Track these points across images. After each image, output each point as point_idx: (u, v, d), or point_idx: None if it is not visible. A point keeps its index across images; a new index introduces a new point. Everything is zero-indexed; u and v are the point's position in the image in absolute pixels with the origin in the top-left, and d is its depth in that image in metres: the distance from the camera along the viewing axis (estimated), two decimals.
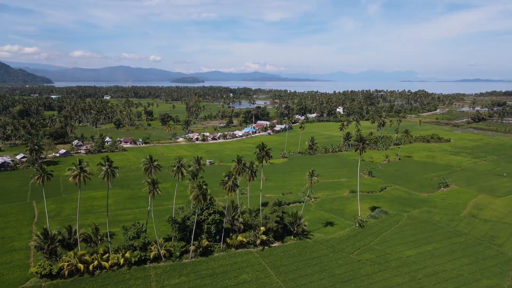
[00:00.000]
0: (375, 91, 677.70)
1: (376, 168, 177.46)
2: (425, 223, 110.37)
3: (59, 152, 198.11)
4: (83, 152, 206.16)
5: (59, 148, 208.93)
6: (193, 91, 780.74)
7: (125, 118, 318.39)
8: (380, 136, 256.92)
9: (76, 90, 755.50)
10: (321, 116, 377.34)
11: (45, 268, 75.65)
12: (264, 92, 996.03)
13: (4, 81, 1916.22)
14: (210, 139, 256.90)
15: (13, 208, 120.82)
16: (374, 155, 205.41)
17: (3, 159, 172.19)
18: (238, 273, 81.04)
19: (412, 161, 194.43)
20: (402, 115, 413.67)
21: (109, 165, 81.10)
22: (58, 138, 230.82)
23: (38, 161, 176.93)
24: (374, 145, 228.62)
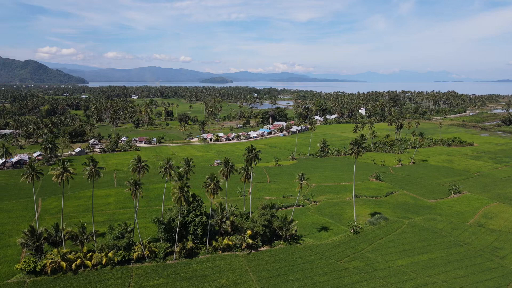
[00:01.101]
0: (401, 92, 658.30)
1: (387, 172, 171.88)
2: (426, 231, 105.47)
3: (74, 151, 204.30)
4: (97, 151, 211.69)
5: (75, 146, 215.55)
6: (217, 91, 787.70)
7: (144, 117, 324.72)
8: (398, 139, 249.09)
9: (106, 90, 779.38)
10: (341, 118, 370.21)
11: (30, 264, 77.62)
12: (289, 92, 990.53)
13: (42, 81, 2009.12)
14: (224, 139, 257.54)
15: (19, 204, 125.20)
16: (388, 158, 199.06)
17: (20, 157, 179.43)
18: (219, 276, 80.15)
19: (427, 166, 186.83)
20: (427, 116, 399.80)
21: (93, 165, 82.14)
22: (76, 136, 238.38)
23: (52, 159, 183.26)
24: (390, 148, 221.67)
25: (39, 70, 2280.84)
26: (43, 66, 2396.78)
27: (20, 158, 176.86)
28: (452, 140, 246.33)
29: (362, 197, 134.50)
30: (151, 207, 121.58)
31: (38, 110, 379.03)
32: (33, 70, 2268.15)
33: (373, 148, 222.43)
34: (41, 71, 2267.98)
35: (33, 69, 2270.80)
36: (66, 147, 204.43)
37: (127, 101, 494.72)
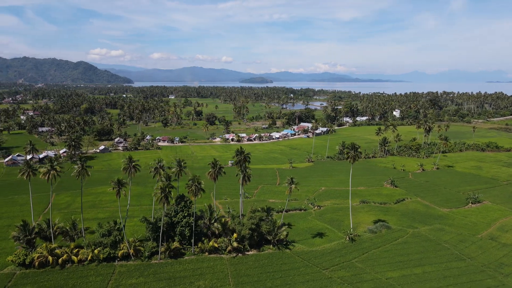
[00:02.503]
0: (443, 93, 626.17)
1: (405, 178, 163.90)
2: (429, 242, 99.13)
3: (99, 148, 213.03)
4: (120, 149, 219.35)
5: (100, 144, 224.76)
6: (252, 92, 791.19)
7: (173, 117, 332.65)
8: (427, 143, 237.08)
9: (145, 90, 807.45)
10: (371, 119, 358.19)
11: (20, 257, 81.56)
12: (326, 93, 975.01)
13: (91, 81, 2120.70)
14: (246, 140, 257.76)
15: (34, 198, 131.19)
16: (410, 163, 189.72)
17: (47, 153, 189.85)
18: (197, 279, 79.89)
19: (451, 172, 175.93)
20: (466, 119, 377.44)
21: (81, 164, 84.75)
22: (104, 135, 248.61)
23: (76, 156, 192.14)
24: (415, 152, 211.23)
25: (89, 71, 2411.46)
26: (92, 67, 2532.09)
27: (46, 155, 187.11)
28: (486, 145, 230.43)
29: (369, 203, 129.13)
30: (148, 206, 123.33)
31: (77, 108, 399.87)
32: (84, 70, 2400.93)
33: (396, 152, 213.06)
34: (90, 72, 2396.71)
35: (83, 70, 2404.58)
36: (90, 145, 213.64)
37: (162, 100, 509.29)
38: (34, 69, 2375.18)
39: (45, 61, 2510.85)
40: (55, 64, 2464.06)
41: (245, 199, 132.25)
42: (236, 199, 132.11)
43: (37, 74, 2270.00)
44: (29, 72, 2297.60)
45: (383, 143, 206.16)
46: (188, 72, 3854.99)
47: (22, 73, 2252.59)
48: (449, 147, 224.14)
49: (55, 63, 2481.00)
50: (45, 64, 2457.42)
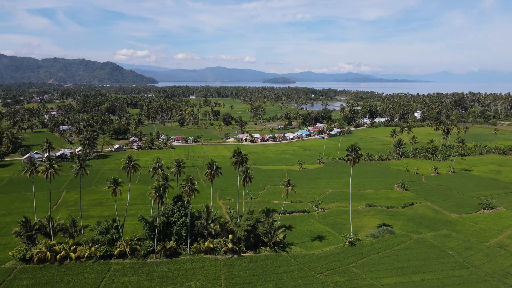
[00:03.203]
0: (469, 94, 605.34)
1: (417, 181, 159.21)
2: (432, 248, 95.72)
3: (114, 147, 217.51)
4: (135, 148, 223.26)
5: (115, 143, 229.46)
6: (273, 92, 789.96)
7: (189, 117, 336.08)
8: (446, 145, 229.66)
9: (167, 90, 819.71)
10: (390, 121, 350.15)
11: (20, 252, 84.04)
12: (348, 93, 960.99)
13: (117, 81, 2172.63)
14: (259, 140, 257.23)
15: (45, 195, 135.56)
16: (425, 166, 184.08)
17: (63, 151, 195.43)
18: (189, 279, 80.00)
19: (467, 176, 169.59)
20: (492, 121, 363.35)
21: (80, 163, 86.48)
22: (121, 134, 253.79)
23: (91, 154, 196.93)
24: (431, 155, 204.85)
25: (115, 71, 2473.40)
26: (119, 67, 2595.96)
27: (62, 153, 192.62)
28: (509, 148, 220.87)
29: (376, 207, 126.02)
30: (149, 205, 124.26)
31: (99, 108, 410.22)
32: (110, 71, 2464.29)
33: (412, 155, 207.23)
34: (117, 72, 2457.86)
35: (110, 70, 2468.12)
36: (105, 144, 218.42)
37: (182, 100, 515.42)
38: (64, 69, 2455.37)
39: (74, 61, 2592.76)
40: (83, 65, 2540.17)
41: (249, 200, 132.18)
42: (240, 199, 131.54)
43: (66, 74, 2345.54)
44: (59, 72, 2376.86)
45: (397, 145, 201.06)
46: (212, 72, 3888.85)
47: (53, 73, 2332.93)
48: (468, 150, 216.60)
49: (83, 64, 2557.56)
50: (74, 65, 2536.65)
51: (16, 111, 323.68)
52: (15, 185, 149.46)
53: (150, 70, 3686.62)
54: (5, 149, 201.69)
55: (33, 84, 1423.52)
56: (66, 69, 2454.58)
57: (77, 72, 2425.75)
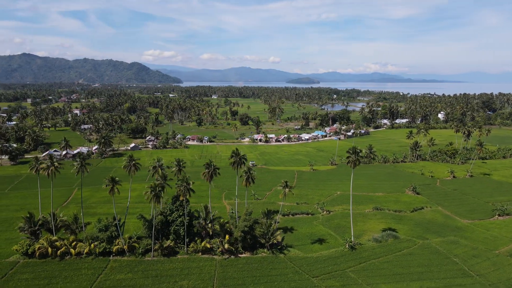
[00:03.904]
0: (499, 94, 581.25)
1: (431, 185, 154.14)
2: (436, 255, 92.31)
3: (129, 146, 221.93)
4: (150, 147, 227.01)
5: (131, 142, 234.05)
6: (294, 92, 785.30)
7: (207, 116, 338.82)
8: (467, 148, 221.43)
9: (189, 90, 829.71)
10: (412, 122, 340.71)
11: (23, 247, 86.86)
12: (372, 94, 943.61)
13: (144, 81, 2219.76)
14: (274, 140, 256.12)
15: (57, 192, 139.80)
16: (441, 169, 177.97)
17: (80, 149, 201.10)
18: (182, 278, 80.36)
19: (486, 180, 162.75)
20: None
21: (81, 162, 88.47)
22: (138, 133, 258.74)
23: (107, 153, 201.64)
24: (450, 158, 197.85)
25: (142, 71, 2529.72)
26: (145, 68, 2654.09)
27: (79, 151, 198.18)
28: None
29: (383, 211, 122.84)
30: None
31: (121, 107, 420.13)
32: (137, 71, 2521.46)
33: (429, 157, 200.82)
34: (143, 72, 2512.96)
35: (137, 70, 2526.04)
36: (121, 143, 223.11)
37: (202, 100, 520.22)
38: (93, 69, 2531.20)
39: (102, 62, 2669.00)
40: (111, 65, 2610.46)
41: (255, 201, 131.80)
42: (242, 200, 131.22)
43: (95, 75, 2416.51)
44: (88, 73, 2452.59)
45: (414, 147, 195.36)
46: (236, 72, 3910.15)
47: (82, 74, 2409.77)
48: (490, 153, 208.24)
49: (111, 64, 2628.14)
50: (102, 65, 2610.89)
51: (42, 110, 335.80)
52: (31, 182, 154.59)
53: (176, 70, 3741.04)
54: (27, 146, 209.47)
55: (63, 84, 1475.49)
56: (95, 70, 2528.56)
57: (105, 72, 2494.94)
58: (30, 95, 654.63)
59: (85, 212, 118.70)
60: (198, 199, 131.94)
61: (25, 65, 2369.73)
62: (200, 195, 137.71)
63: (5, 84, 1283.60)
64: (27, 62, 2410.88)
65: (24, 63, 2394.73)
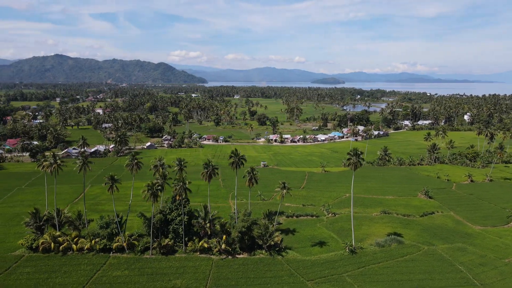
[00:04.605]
0: None
1: (446, 189, 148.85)
2: (441, 262, 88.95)
3: (145, 145, 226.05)
4: (165, 146, 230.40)
5: (148, 141, 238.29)
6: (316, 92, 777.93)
7: (225, 116, 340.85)
8: (490, 151, 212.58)
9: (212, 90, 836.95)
10: (435, 123, 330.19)
11: (28, 242, 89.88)
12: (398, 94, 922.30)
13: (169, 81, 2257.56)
14: (289, 141, 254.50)
15: (71, 188, 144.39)
16: (459, 172, 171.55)
17: (97, 148, 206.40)
18: (176, 277, 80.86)
19: (506, 185, 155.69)
20: None
21: (83, 160, 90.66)
22: (155, 132, 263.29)
23: (123, 151, 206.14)
24: (470, 161, 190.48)
25: (168, 71, 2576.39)
26: (171, 68, 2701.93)
27: (96, 149, 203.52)
28: None
29: (391, 214, 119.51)
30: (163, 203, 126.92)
31: (143, 107, 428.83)
32: (163, 71, 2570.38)
33: (448, 160, 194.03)
34: (169, 72, 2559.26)
35: (163, 71, 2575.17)
36: (138, 141, 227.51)
37: (224, 100, 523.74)
38: (121, 70, 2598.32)
39: (130, 62, 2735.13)
40: (138, 65, 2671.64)
41: (261, 201, 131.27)
42: (251, 200, 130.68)
43: (123, 75, 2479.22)
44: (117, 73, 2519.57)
45: (431, 150, 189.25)
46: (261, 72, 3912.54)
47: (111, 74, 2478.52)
48: None
49: (139, 65, 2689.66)
50: (130, 65, 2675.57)
51: (66, 109, 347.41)
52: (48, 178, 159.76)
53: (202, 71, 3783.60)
54: (48, 144, 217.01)
55: (92, 84, 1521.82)
56: (123, 70, 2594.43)
57: (133, 72, 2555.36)
58: (59, 95, 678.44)
59: (93, 208, 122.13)
60: (204, 199, 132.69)
61: (58, 66, 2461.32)
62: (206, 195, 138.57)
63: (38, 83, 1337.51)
64: (59, 63, 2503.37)
65: (56, 63, 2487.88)
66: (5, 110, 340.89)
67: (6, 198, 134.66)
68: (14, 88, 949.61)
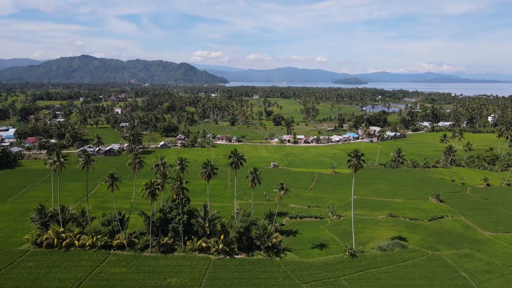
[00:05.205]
0: None
1: (460, 193, 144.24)
2: (444, 268, 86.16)
3: (159, 144, 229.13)
4: (179, 145, 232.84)
5: (161, 140, 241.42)
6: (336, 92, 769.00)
7: (241, 116, 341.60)
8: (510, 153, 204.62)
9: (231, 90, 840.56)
10: (455, 125, 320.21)
11: (33, 237, 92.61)
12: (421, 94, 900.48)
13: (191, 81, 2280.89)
14: (302, 142, 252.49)
15: (82, 186, 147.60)
16: (475, 176, 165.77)
17: (112, 146, 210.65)
18: (171, 275, 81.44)
19: None
20: None
21: (85, 159, 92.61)
22: (170, 131, 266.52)
23: (137, 150, 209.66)
24: (488, 164, 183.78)
25: (189, 71, 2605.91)
26: (193, 68, 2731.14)
27: (111, 147, 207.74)
28: None
29: (398, 218, 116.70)
30: None
31: (161, 106, 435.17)
32: (185, 71, 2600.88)
33: (465, 163, 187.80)
34: (191, 72, 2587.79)
35: (185, 71, 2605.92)
36: (151, 140, 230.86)
37: (242, 100, 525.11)
38: (144, 70, 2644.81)
39: (153, 62, 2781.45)
40: (161, 66, 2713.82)
41: (265, 202, 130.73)
42: (256, 200, 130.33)
43: (146, 75, 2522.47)
44: (140, 73, 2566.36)
45: (447, 152, 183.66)
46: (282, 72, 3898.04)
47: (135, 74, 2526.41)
48: None
49: (161, 65, 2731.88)
50: (153, 66, 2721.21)
51: (86, 109, 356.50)
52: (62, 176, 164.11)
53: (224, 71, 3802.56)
54: (66, 142, 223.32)
55: (116, 84, 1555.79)
56: (147, 70, 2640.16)
57: (155, 72, 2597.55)
58: (83, 94, 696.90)
59: (101, 206, 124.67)
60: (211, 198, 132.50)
61: (84, 66, 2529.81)
62: (214, 194, 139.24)
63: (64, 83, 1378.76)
64: (85, 63, 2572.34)
65: (83, 64, 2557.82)
66: (29, 109, 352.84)
67: (20, 194, 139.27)
68: (42, 88, 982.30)
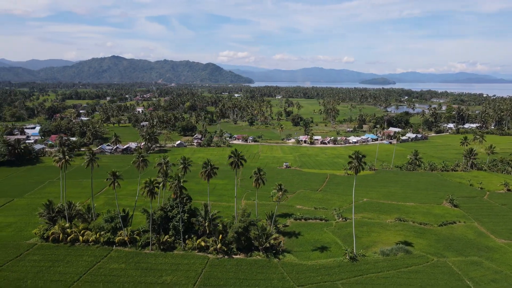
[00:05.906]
0: None
1: (477, 198, 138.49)
2: (448, 275, 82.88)
3: (176, 143, 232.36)
4: (194, 145, 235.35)
5: (178, 139, 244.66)
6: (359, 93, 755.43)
7: (260, 116, 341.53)
8: None
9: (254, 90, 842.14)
10: (483, 127, 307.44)
11: (41, 231, 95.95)
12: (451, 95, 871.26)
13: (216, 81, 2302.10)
14: (319, 142, 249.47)
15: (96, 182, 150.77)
16: (497, 180, 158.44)
17: (129, 145, 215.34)
18: (168, 273, 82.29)
19: None
20: None
21: (90, 156, 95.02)
22: (188, 131, 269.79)
23: (153, 148, 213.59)
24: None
25: (215, 72, 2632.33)
26: (218, 68, 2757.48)
27: (128, 146, 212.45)
28: None
29: (407, 222, 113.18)
30: None
31: (182, 106, 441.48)
32: (211, 71, 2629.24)
33: (487, 167, 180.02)
34: (216, 72, 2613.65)
35: (211, 71, 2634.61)
36: (168, 139, 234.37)
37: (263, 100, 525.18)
38: (171, 70, 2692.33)
39: (180, 63, 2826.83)
40: (188, 66, 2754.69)
41: (272, 203, 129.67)
42: (264, 201, 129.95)
43: (173, 75, 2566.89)
44: (167, 73, 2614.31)
45: (468, 155, 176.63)
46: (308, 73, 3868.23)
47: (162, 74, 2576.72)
48: None
49: (188, 65, 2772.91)
50: (180, 66, 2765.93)
51: (109, 108, 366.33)
52: (78, 172, 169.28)
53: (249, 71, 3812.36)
54: (87, 140, 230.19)
55: (143, 84, 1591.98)
56: (173, 70, 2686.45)
57: (182, 72, 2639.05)
58: (110, 94, 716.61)
59: (110, 203, 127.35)
60: (219, 197, 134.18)
61: (113, 67, 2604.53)
62: (222, 194, 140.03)
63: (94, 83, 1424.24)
64: (115, 64, 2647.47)
65: (112, 64, 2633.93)
66: (55, 108, 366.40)
67: (37, 189, 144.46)
68: (73, 88, 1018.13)
